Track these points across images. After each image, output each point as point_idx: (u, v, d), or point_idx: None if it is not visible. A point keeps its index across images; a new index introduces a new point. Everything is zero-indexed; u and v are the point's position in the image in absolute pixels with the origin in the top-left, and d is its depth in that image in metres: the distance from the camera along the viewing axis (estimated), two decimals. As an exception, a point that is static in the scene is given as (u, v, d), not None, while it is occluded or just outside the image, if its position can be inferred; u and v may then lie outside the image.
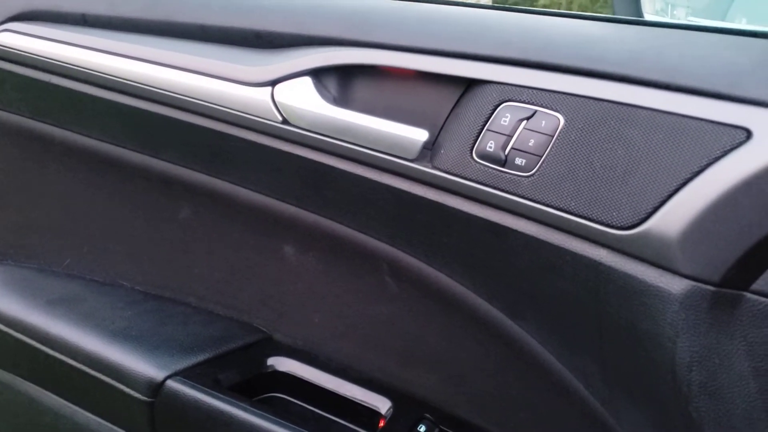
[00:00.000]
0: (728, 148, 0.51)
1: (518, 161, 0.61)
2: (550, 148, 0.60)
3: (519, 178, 0.61)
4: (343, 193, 0.75)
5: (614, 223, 0.56)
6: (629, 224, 0.55)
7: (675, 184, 0.53)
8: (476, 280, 0.72)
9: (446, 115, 0.68)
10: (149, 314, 0.92)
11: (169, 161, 0.88)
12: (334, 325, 0.86)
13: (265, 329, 0.91)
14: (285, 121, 0.73)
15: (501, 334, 0.72)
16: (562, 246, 0.60)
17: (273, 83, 0.73)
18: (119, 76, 0.83)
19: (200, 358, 0.85)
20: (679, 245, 0.53)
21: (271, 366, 0.88)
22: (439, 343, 0.79)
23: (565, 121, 0.59)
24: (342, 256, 0.82)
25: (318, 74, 0.72)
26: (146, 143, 0.88)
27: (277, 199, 0.82)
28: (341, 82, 0.73)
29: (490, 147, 0.63)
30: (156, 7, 0.81)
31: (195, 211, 0.91)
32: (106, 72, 0.84)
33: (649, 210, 0.54)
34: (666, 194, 0.54)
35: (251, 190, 0.83)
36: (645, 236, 0.54)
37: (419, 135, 0.66)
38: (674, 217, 0.53)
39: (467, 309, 0.73)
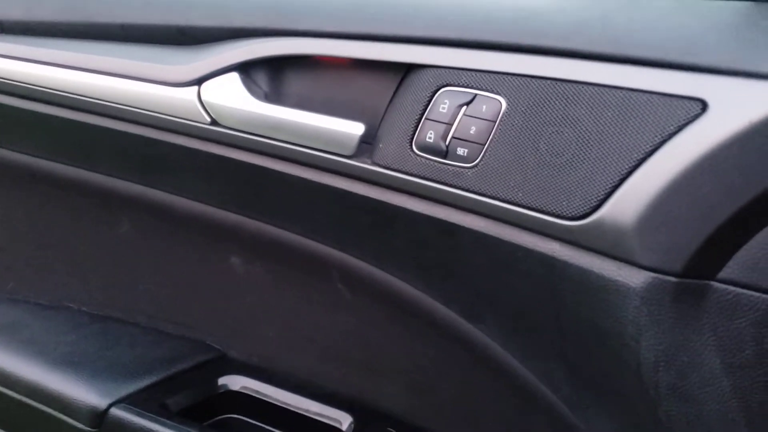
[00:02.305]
0: (683, 122, 0.46)
1: (460, 151, 0.56)
2: (493, 135, 0.54)
3: (462, 169, 0.56)
4: (282, 196, 0.70)
5: (565, 214, 0.51)
6: (581, 213, 0.50)
7: (627, 167, 0.48)
8: (430, 283, 0.66)
9: (385, 105, 0.62)
10: (94, 337, 0.86)
11: (102, 173, 0.82)
12: (289, 339, 0.80)
13: (218, 346, 0.85)
14: (214, 122, 0.68)
15: (461, 338, 0.67)
16: (513, 241, 0.55)
17: (199, 82, 0.68)
18: (40, 84, 0.77)
19: (147, 381, 0.79)
20: (635, 234, 0.47)
21: (225, 385, 0.82)
22: (399, 351, 0.74)
23: (507, 104, 0.54)
24: (291, 264, 0.76)
25: (246, 69, 0.66)
26: (76, 155, 0.82)
27: (216, 206, 0.76)
28: (271, 75, 0.67)
29: (430, 137, 0.57)
30: (74, 9, 0.75)
31: (135, 224, 0.85)
32: (27, 81, 0.78)
33: (601, 197, 0.49)
34: (618, 178, 0.48)
35: (189, 198, 0.77)
36: (598, 226, 0.49)
37: (355, 129, 0.61)
38: (628, 203, 0.48)
39: (425, 314, 0.68)
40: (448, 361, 0.71)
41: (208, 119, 0.68)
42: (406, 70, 0.60)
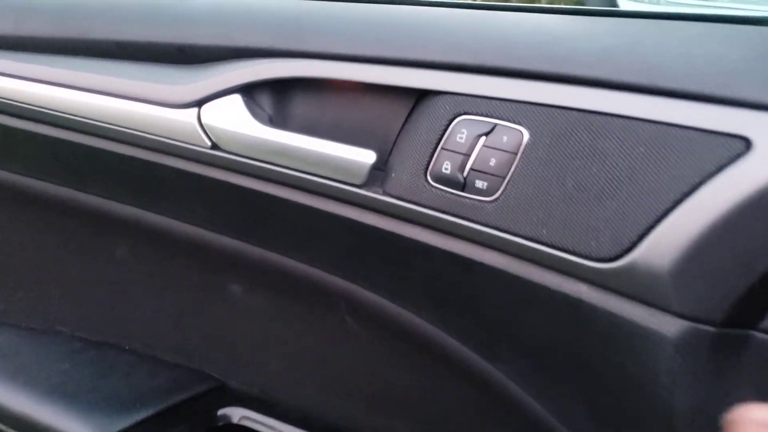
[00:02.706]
0: (724, 161, 0.42)
1: (479, 184, 0.52)
2: (515, 168, 0.51)
3: (481, 203, 0.52)
4: (287, 224, 0.66)
5: (593, 255, 0.47)
6: (611, 255, 0.47)
7: (663, 207, 0.44)
8: (445, 319, 0.63)
9: (396, 132, 0.59)
10: (88, 366, 0.83)
11: (97, 195, 0.78)
12: (293, 370, 0.77)
13: (218, 376, 0.82)
14: (215, 146, 0.64)
15: (477, 376, 0.63)
16: (535, 280, 0.51)
17: (199, 103, 0.64)
18: (31, 102, 0.73)
19: (144, 414, 0.76)
20: (670, 279, 0.44)
21: (225, 417, 0.78)
22: (409, 387, 0.70)
23: (530, 135, 0.50)
24: (295, 293, 0.73)
25: (249, 91, 0.63)
26: (70, 176, 0.78)
27: (217, 232, 0.72)
28: (276, 98, 0.63)
29: (446, 168, 0.54)
30: (67, 24, 0.72)
31: (131, 248, 0.81)
32: (17, 99, 0.74)
33: (634, 238, 0.45)
34: (652, 219, 0.45)
35: (188, 223, 0.74)
36: (630, 269, 0.46)
37: (366, 157, 0.57)
38: (663, 246, 0.44)
39: (438, 350, 0.64)
40: (460, 399, 0.68)
41: (209, 143, 0.64)
42: (419, 96, 0.57)
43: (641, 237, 0.45)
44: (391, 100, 0.59)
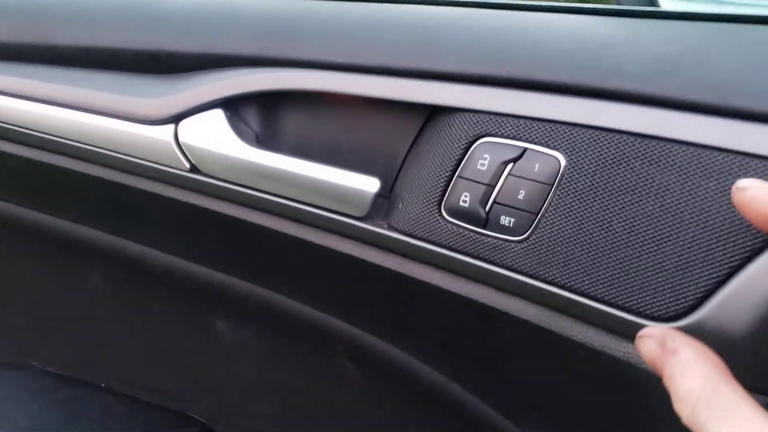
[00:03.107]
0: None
1: (504, 220, 0.43)
2: (549, 202, 0.42)
3: (507, 243, 0.43)
4: (277, 258, 0.57)
5: (649, 312, 0.39)
6: (671, 314, 0.38)
7: (738, 255, 0.36)
8: (459, 371, 0.54)
9: (403, 155, 0.50)
10: (59, 407, 0.74)
11: (66, 219, 0.70)
12: (286, 416, 0.68)
13: (203, 420, 0.73)
14: (194, 168, 0.55)
15: (494, 434, 0.55)
16: (572, 337, 0.43)
17: (176, 119, 0.55)
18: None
19: (118, 466, 0.67)
20: (748, 343, 0.35)
21: (211, 468, 0.70)
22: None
23: (568, 162, 0.42)
24: (288, 333, 0.64)
25: (233, 105, 0.54)
26: (35, 198, 0.70)
27: (199, 264, 0.64)
28: (264, 114, 0.55)
29: (465, 201, 0.45)
30: (28, 29, 0.63)
31: (105, 277, 0.72)
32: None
33: (701, 293, 0.37)
34: (725, 271, 0.36)
35: (167, 253, 0.65)
36: (696, 330, 0.37)
37: (369, 185, 0.49)
38: (739, 302, 0.36)
39: (449, 402, 0.56)
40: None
41: (187, 165, 0.55)
42: (430, 112, 0.48)
43: (711, 292, 0.37)
44: (397, 117, 0.50)
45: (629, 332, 0.40)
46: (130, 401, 0.75)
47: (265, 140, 0.55)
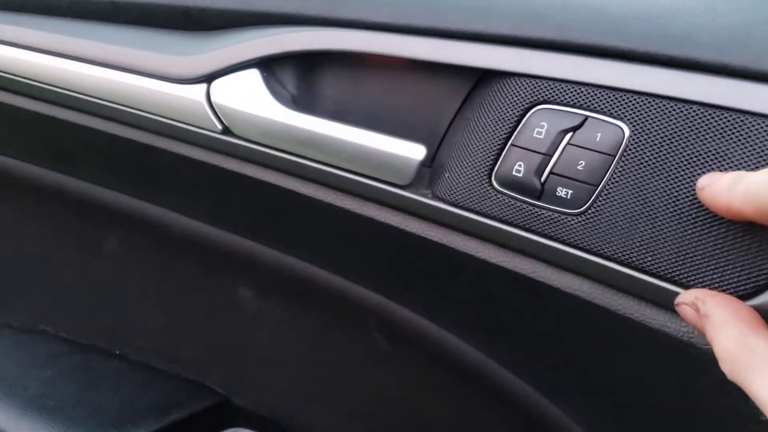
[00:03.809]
0: None
1: (562, 192, 0.41)
2: (611, 174, 0.40)
3: (563, 216, 0.42)
4: (310, 226, 0.55)
5: (713, 289, 0.37)
6: (741, 293, 0.36)
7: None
8: (497, 347, 0.52)
9: (448, 121, 0.48)
10: (73, 374, 0.72)
11: (86, 180, 0.68)
12: (308, 390, 0.67)
13: (220, 390, 0.71)
14: (226, 131, 0.53)
15: (531, 414, 0.53)
16: (629, 315, 0.41)
17: (209, 79, 0.53)
18: (10, 71, 0.62)
19: (136, 435, 0.65)
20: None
21: (230, 439, 0.69)
22: (447, 419, 0.60)
23: (632, 133, 0.40)
24: (314, 304, 0.62)
25: (269, 65, 0.52)
26: (54, 158, 0.68)
27: (225, 230, 0.62)
28: (301, 75, 0.53)
29: (518, 170, 0.43)
30: (53, -20, 0.60)
31: (124, 242, 0.71)
32: (-7, 66, 0.63)
33: (775, 273, 0.35)
34: (804, 250, 0.34)
35: (192, 218, 0.63)
36: None
37: (415, 152, 0.47)
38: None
39: (485, 380, 0.54)
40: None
41: (219, 127, 0.53)
42: (479, 77, 0.46)
43: (785, 272, 0.35)
44: (442, 82, 0.48)
45: (693, 312, 0.38)
46: (145, 370, 0.74)
47: (301, 102, 0.52)
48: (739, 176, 0.33)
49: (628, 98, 0.40)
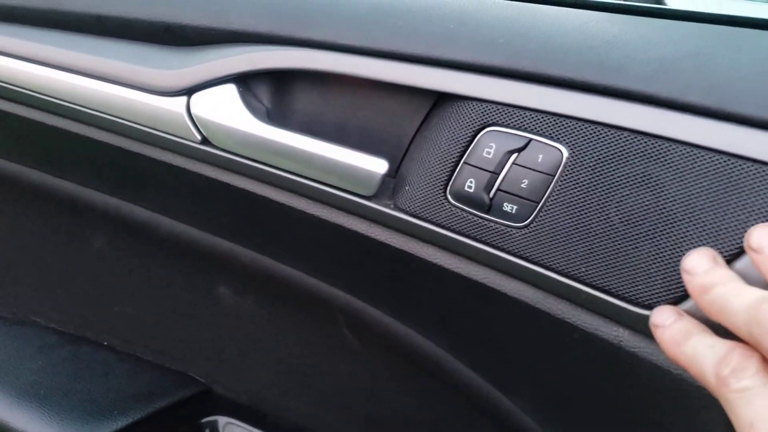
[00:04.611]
0: (807, 208, 0.36)
1: (507, 207, 0.46)
2: (550, 192, 0.44)
3: (509, 229, 0.46)
4: (283, 230, 0.59)
5: (639, 299, 0.41)
6: (661, 302, 0.40)
7: (727, 252, 0.38)
8: (456, 345, 0.57)
9: (410, 137, 0.52)
10: (63, 364, 0.76)
11: (75, 182, 0.71)
12: (284, 381, 0.71)
13: (202, 380, 0.76)
14: (205, 141, 0.57)
15: (489, 406, 0.58)
16: (568, 320, 0.45)
17: (189, 92, 0.57)
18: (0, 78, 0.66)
19: (122, 422, 0.70)
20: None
21: (210, 425, 0.73)
22: (413, 408, 0.65)
23: (570, 155, 0.44)
24: (289, 301, 0.66)
25: (246, 80, 0.56)
26: (43, 160, 0.71)
27: (205, 231, 0.66)
28: (276, 90, 0.56)
29: (470, 186, 0.47)
30: (41, -7, 0.64)
31: (110, 240, 0.74)
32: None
33: (690, 286, 0.39)
34: (715, 266, 0.38)
35: (174, 219, 0.67)
36: (683, 320, 0.39)
37: (378, 166, 0.50)
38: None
39: (446, 375, 0.59)
40: (469, 427, 0.62)
41: (199, 137, 0.57)
42: (437, 98, 0.50)
43: (699, 285, 0.39)
44: (405, 101, 0.52)
45: (621, 318, 0.42)
46: (132, 360, 0.78)
47: (275, 116, 0.56)
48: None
49: (567, 123, 0.44)
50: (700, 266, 0.36)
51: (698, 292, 0.35)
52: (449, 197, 0.48)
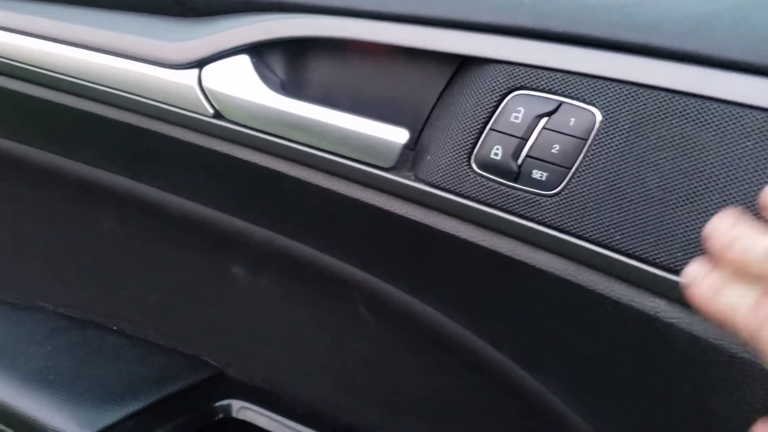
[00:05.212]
0: None
1: (537, 174, 0.44)
2: (583, 157, 0.42)
3: (538, 197, 0.44)
4: (298, 205, 0.58)
5: (677, 267, 0.39)
6: (702, 270, 0.38)
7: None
8: (477, 321, 0.55)
9: (431, 105, 0.50)
10: (72, 348, 0.75)
11: (83, 162, 0.69)
12: (298, 362, 0.69)
13: (215, 363, 0.74)
14: (217, 115, 0.55)
15: (510, 385, 0.56)
16: (600, 291, 0.43)
17: (200, 64, 0.55)
18: (6, 56, 0.64)
19: (133, 407, 0.68)
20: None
21: (224, 409, 0.71)
22: (431, 389, 0.63)
23: (604, 118, 0.42)
24: (303, 280, 0.64)
25: (259, 51, 0.54)
26: (52, 140, 0.69)
27: (217, 210, 0.64)
28: (290, 61, 0.54)
29: (496, 153, 0.45)
30: (46, -35, 0.62)
31: (121, 221, 0.73)
32: (-10, 51, 0.64)
33: (733, 251, 0.37)
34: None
35: (185, 198, 0.65)
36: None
37: (398, 136, 0.49)
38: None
39: (466, 353, 0.57)
40: (490, 406, 0.60)
41: (211, 111, 0.55)
42: (460, 63, 0.48)
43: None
44: (425, 68, 0.50)
45: (658, 287, 0.41)
46: (142, 344, 0.76)
47: (290, 87, 0.54)
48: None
49: (600, 84, 0.42)
50: (723, 226, 0.33)
51: (721, 251, 0.33)
52: (474, 166, 0.46)
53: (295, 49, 0.54)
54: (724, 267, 0.32)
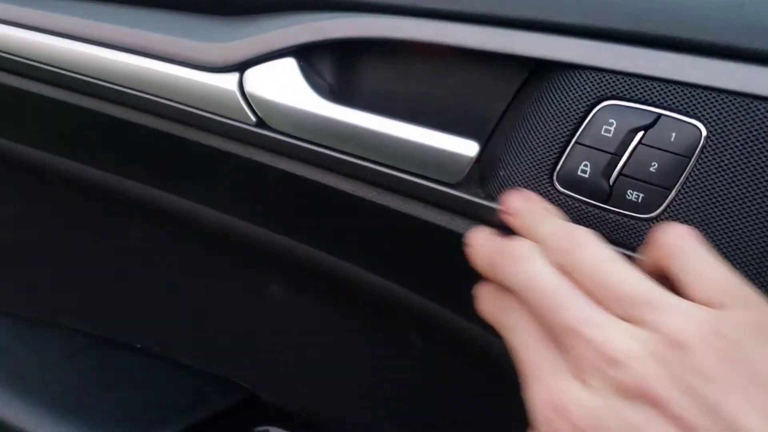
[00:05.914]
0: None
1: (632, 195, 0.39)
2: (686, 177, 0.37)
3: (633, 221, 0.39)
4: (347, 223, 0.53)
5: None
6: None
7: None
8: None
9: (500, 114, 0.45)
10: (92, 370, 0.70)
11: (109, 171, 0.65)
12: (340, 387, 0.64)
13: (248, 386, 0.69)
14: (260, 123, 0.50)
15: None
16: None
17: (242, 67, 0.50)
18: (26, 55, 0.59)
19: (162, 435, 0.63)
20: None
21: (259, 437, 0.67)
22: (486, 418, 0.58)
23: (709, 132, 0.37)
24: (349, 302, 0.60)
25: (307, 53, 0.49)
26: (76, 147, 0.65)
27: (255, 224, 0.59)
28: (340, 64, 0.50)
29: (584, 171, 0.40)
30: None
31: (148, 233, 0.68)
32: (15, 51, 0.60)
33: None
34: None
35: (221, 211, 0.60)
36: None
37: (467, 148, 0.44)
38: None
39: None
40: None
41: (253, 119, 0.50)
42: (533, 68, 0.43)
43: None
44: (494, 72, 0.45)
45: None
46: (169, 365, 0.71)
47: (340, 94, 0.49)
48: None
49: (705, 95, 0.37)
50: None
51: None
52: (556, 184, 0.41)
53: (347, 51, 0.49)
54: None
